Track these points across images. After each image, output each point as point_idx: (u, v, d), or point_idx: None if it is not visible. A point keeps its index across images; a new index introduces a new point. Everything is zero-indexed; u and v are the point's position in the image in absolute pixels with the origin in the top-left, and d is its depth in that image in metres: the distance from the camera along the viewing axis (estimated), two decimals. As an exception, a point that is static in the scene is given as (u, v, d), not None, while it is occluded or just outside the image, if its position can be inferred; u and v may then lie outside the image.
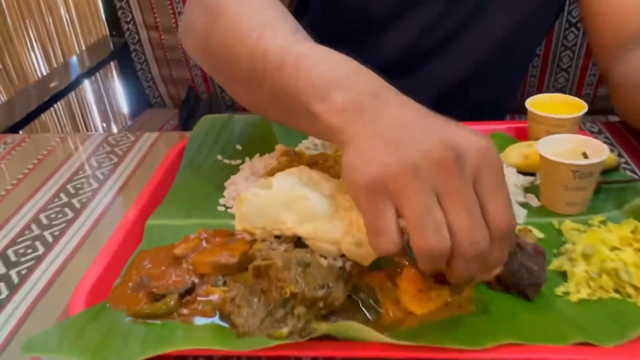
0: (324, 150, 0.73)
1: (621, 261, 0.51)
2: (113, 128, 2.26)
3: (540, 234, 0.58)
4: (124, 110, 2.10)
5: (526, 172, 0.67)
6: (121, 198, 0.75)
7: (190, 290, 0.52)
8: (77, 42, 2.10)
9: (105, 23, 1.49)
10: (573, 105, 0.72)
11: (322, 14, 0.96)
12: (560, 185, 0.59)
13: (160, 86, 1.52)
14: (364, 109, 0.45)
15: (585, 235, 0.55)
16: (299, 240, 0.55)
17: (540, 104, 0.72)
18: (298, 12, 1.01)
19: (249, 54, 0.56)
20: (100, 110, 2.21)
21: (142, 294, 0.52)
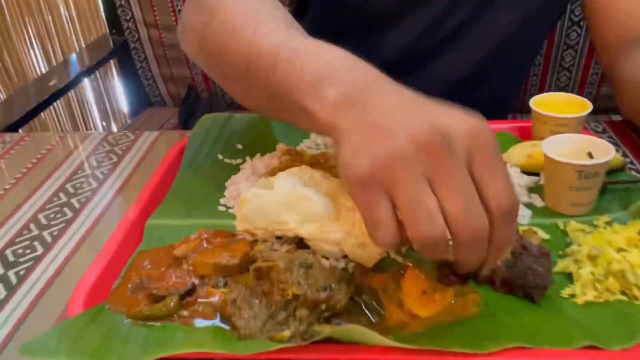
0: (326, 149, 0.73)
1: (628, 263, 0.50)
2: (113, 127, 2.25)
3: (545, 235, 0.57)
4: (124, 109, 2.09)
5: (530, 172, 0.67)
6: (121, 198, 0.74)
7: (190, 291, 0.51)
8: (77, 40, 2.09)
9: (105, 21, 1.49)
10: (577, 105, 0.71)
11: (322, 14, 0.95)
12: (565, 186, 0.58)
13: (160, 85, 1.52)
14: (354, 102, 0.44)
15: (591, 236, 0.54)
16: (300, 241, 0.54)
17: (544, 103, 0.71)
18: (298, 12, 1.01)
19: (243, 53, 0.56)
20: (100, 108, 2.21)
21: (142, 296, 0.51)
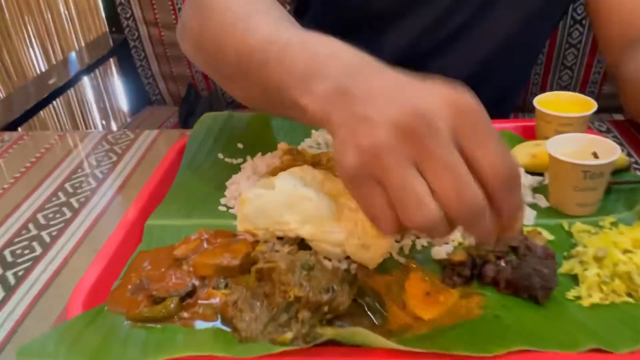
0: (327, 149, 0.72)
1: (634, 264, 0.49)
2: (112, 125, 2.25)
3: (549, 236, 0.56)
4: (124, 108, 2.09)
5: (534, 172, 0.66)
6: (120, 197, 0.73)
7: (191, 293, 0.51)
8: (76, 39, 2.09)
9: (104, 19, 1.48)
10: (581, 104, 0.70)
11: (322, 14, 0.94)
12: (570, 186, 0.58)
13: (160, 83, 1.51)
14: (341, 93, 0.43)
15: (596, 237, 0.53)
16: (302, 242, 0.54)
17: (548, 102, 0.71)
18: (298, 12, 1.00)
19: (236, 51, 0.56)
20: (100, 107, 2.20)
21: (142, 297, 0.51)
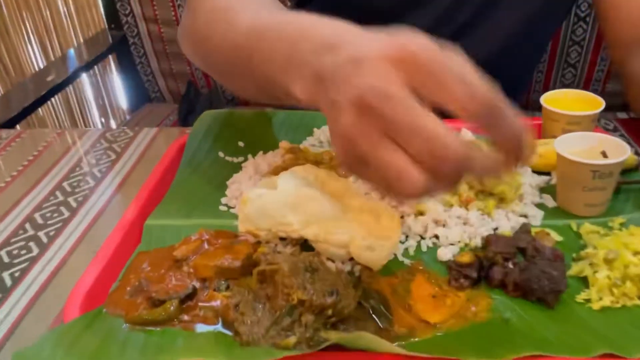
0: (330, 147, 0.71)
1: (645, 267, 0.48)
2: (112, 123, 2.23)
3: (558, 237, 0.55)
4: (123, 105, 2.07)
5: (541, 172, 0.65)
6: (119, 196, 0.72)
7: (191, 295, 0.50)
8: (75, 35, 2.07)
9: (103, 16, 1.47)
10: (589, 102, 0.69)
11: (322, 12, 0.94)
12: (579, 186, 0.56)
13: (160, 80, 1.50)
14: (319, 79, 0.42)
15: (607, 239, 0.52)
16: (305, 243, 0.53)
17: (554, 100, 0.69)
18: (299, 8, 0.99)
19: (224, 48, 0.57)
20: (99, 104, 2.19)
21: (141, 299, 0.50)
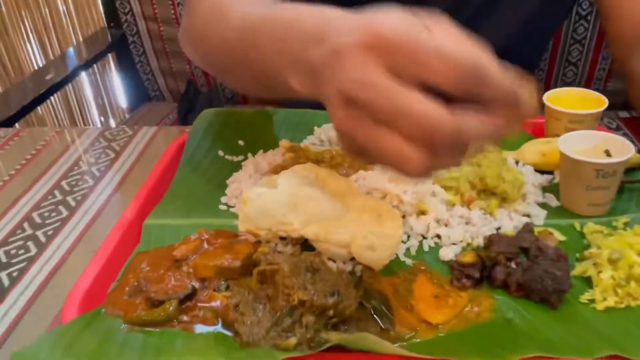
0: (330, 146, 0.70)
1: (650, 267, 0.48)
2: (111, 122, 2.23)
3: (561, 237, 0.55)
4: (122, 104, 2.07)
5: (544, 171, 0.64)
6: (118, 196, 0.72)
7: (190, 295, 0.49)
8: (74, 34, 2.07)
9: (102, 14, 1.46)
10: (592, 100, 0.69)
11: None
12: (583, 185, 0.56)
13: (159, 79, 1.49)
14: (313, 72, 0.42)
15: (611, 239, 0.52)
16: (305, 243, 0.52)
17: (557, 99, 0.69)
18: None
19: (222, 45, 0.57)
20: (98, 103, 2.18)
21: (140, 300, 0.49)
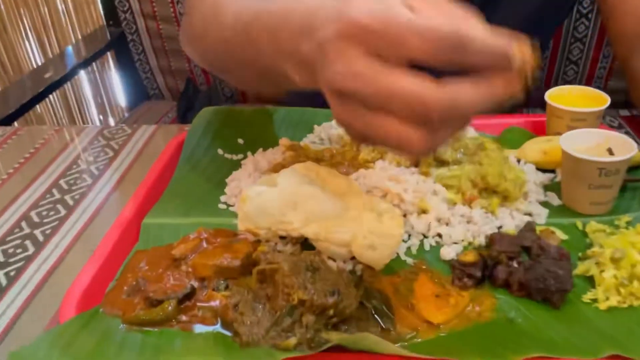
0: (331, 144, 0.70)
1: (653, 266, 0.47)
2: (110, 120, 2.22)
3: (563, 236, 0.54)
4: (121, 102, 2.06)
5: (546, 169, 0.64)
6: (116, 194, 0.71)
7: (189, 295, 0.49)
8: (73, 32, 2.06)
9: (101, 12, 1.46)
10: (593, 98, 0.68)
11: None
12: (585, 184, 0.55)
13: (159, 77, 1.49)
14: (309, 64, 0.42)
15: (613, 237, 0.51)
16: (305, 242, 0.52)
17: (559, 97, 0.68)
18: None
19: (219, 43, 0.58)
20: (97, 102, 2.17)
21: (138, 299, 0.49)
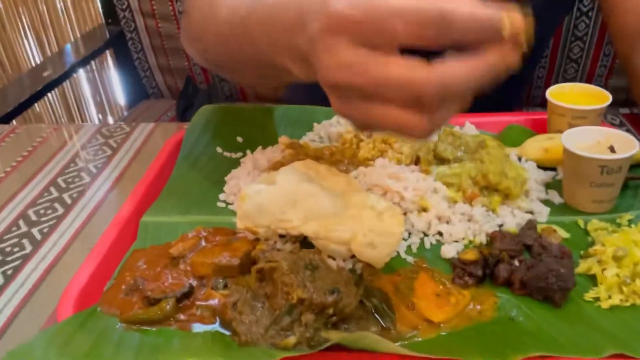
0: (330, 143, 0.69)
1: (656, 264, 0.47)
2: (109, 119, 2.22)
3: (565, 234, 0.54)
4: (120, 101, 2.06)
5: (547, 167, 0.63)
6: (115, 193, 0.71)
7: (188, 293, 0.49)
8: (72, 30, 2.06)
9: (100, 10, 1.46)
10: (595, 96, 0.68)
11: None
12: (587, 182, 0.55)
13: (158, 76, 1.48)
14: (304, 58, 0.42)
15: (615, 236, 0.51)
16: (305, 240, 0.51)
17: (560, 94, 0.68)
18: None
19: (217, 41, 0.58)
20: (96, 100, 2.17)
21: (136, 298, 0.49)
